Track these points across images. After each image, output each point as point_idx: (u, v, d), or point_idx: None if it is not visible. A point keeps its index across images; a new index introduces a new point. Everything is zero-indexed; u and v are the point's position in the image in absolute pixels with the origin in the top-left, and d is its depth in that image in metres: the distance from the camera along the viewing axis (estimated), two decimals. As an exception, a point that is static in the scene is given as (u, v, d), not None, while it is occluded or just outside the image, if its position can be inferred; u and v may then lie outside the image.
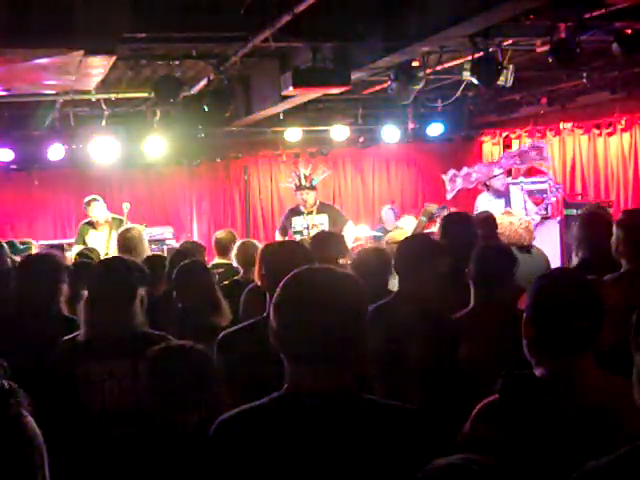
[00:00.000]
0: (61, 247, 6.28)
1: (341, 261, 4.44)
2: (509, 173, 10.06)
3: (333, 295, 1.87)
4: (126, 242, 6.02)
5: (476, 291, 3.60)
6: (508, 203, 8.65)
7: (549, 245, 7.75)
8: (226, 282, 5.24)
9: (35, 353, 3.29)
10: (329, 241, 4.80)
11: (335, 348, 1.85)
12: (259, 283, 3.15)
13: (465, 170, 9.85)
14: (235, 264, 5.78)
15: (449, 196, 10.05)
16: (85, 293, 3.26)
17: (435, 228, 8.88)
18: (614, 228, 3.98)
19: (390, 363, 3.12)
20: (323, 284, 1.89)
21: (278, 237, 9.06)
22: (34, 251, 6.53)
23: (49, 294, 3.77)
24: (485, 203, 8.74)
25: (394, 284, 3.77)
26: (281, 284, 1.94)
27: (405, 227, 8.19)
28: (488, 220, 5.25)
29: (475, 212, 8.73)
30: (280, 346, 1.90)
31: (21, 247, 7.07)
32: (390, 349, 3.10)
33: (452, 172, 9.96)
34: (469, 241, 4.33)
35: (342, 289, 1.89)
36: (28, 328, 3.58)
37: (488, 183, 9.02)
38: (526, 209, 8.67)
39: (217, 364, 2.87)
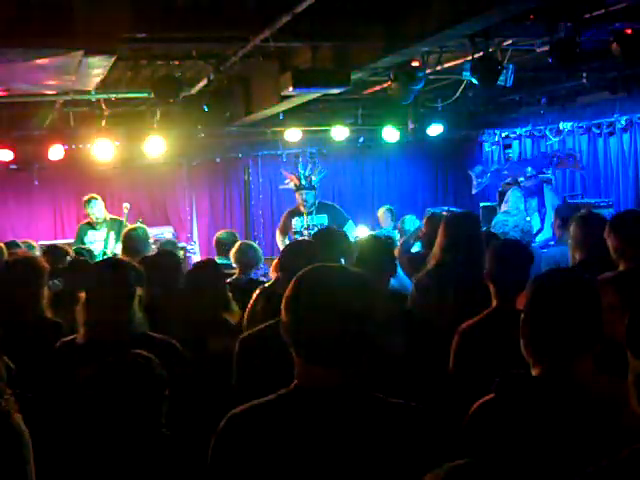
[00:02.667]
0: (63, 252, 6.22)
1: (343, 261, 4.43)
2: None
3: (344, 293, 1.89)
4: (132, 242, 6.01)
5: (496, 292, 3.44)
6: (542, 203, 8.57)
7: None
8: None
9: (15, 356, 3.26)
10: (332, 239, 4.78)
11: (346, 345, 1.87)
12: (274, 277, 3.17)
13: (495, 167, 9.82)
14: (233, 264, 5.87)
15: (474, 191, 10.00)
16: (82, 295, 3.25)
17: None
18: (608, 229, 4.01)
19: None
20: (334, 282, 1.92)
21: (278, 237, 9.06)
22: (37, 252, 6.51)
23: (29, 298, 3.75)
24: (515, 199, 8.67)
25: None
26: (292, 281, 1.96)
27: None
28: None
29: (504, 206, 8.72)
30: (291, 342, 1.92)
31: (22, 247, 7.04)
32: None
33: (480, 168, 9.93)
34: (471, 241, 4.34)
35: (353, 287, 1.91)
36: (8, 331, 3.56)
37: (520, 182, 8.97)
38: (526, 209, 8.67)
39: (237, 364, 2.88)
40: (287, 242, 8.70)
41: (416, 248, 6.00)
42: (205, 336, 3.78)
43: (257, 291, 4.40)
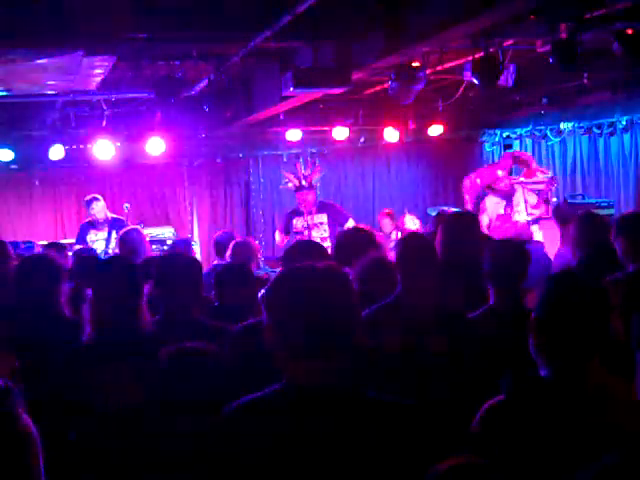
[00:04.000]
0: (61, 247, 6.23)
1: None
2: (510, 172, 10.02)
3: (323, 289, 1.91)
4: (127, 244, 6.01)
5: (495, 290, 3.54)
6: (510, 202, 8.62)
7: (550, 245, 7.76)
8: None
9: (33, 354, 3.27)
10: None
11: (329, 341, 1.89)
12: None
13: (472, 176, 9.83)
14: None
15: (469, 206, 9.92)
16: (89, 294, 3.24)
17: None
18: (616, 231, 4.02)
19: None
20: (312, 280, 1.94)
21: (278, 237, 9.06)
22: (36, 252, 6.52)
23: (48, 296, 3.75)
24: (493, 205, 8.71)
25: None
26: (270, 284, 1.99)
27: None
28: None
29: (483, 214, 8.74)
30: (274, 343, 1.93)
31: (22, 247, 7.06)
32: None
33: (468, 181, 9.92)
34: (470, 241, 4.33)
35: (330, 282, 1.94)
36: (26, 329, 3.57)
37: (494, 186, 8.98)
38: (526, 209, 8.67)
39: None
40: (287, 243, 8.70)
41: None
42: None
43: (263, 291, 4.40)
